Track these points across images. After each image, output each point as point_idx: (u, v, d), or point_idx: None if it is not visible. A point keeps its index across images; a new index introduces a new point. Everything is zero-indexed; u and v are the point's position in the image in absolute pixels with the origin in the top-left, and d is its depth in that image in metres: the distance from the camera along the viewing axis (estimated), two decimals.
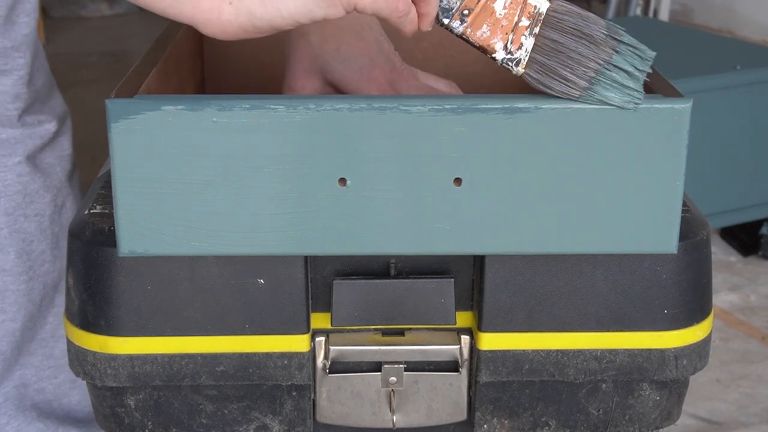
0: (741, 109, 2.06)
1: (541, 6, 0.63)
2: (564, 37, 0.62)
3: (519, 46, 0.62)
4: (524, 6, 0.62)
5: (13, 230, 0.97)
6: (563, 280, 0.71)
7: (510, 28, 0.62)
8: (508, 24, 0.62)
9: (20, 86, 0.95)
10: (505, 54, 0.63)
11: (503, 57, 0.63)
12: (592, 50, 0.62)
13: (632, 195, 0.64)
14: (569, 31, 0.62)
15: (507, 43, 0.62)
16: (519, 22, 0.62)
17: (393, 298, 0.71)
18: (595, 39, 0.62)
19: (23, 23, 0.94)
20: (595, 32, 0.62)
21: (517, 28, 0.62)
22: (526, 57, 0.62)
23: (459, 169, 0.63)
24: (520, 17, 0.62)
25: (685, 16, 4.06)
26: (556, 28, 0.62)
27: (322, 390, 0.74)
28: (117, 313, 0.70)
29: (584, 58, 0.62)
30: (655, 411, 0.76)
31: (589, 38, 0.62)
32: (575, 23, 0.62)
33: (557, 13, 0.62)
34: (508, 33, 0.62)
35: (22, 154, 0.97)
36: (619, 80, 0.62)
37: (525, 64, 0.63)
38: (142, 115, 0.62)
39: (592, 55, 0.62)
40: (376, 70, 0.70)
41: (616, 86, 0.62)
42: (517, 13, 0.62)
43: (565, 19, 0.62)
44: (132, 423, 0.75)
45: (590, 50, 0.62)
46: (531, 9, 0.62)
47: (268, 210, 0.64)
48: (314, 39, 0.71)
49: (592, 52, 0.62)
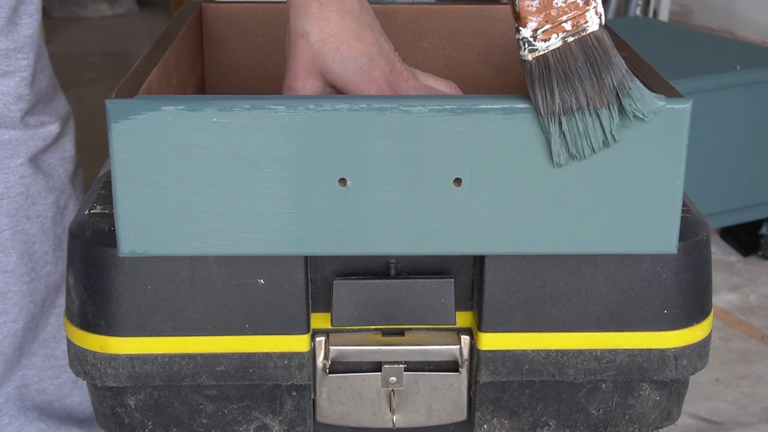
0: (741, 109, 2.06)
1: (590, 25, 0.62)
2: (584, 64, 0.62)
3: (546, 39, 0.62)
4: (579, 14, 0.62)
5: (16, 231, 0.97)
6: (563, 280, 0.71)
7: (554, 19, 0.62)
8: (555, 16, 0.62)
9: (23, 87, 0.95)
10: (529, 35, 0.62)
11: (525, 36, 0.62)
12: (593, 91, 0.62)
13: (632, 195, 0.64)
14: (592, 61, 0.62)
15: (539, 29, 0.62)
16: (564, 22, 0.62)
17: (393, 298, 0.71)
18: (603, 83, 0.62)
19: (26, 24, 0.94)
20: (609, 78, 0.62)
21: (558, 25, 0.62)
22: (543, 52, 0.62)
23: (459, 169, 0.63)
24: (568, 19, 0.62)
25: (685, 17, 4.06)
26: (584, 51, 0.62)
27: (322, 390, 0.75)
28: (117, 313, 0.70)
29: (582, 92, 0.62)
30: (655, 411, 0.76)
31: (600, 80, 0.62)
32: (601, 60, 0.62)
33: (596, 41, 0.62)
34: (547, 22, 0.62)
35: (24, 156, 0.97)
36: (584, 131, 0.62)
37: (536, 56, 0.62)
38: (142, 115, 0.62)
39: (590, 95, 0.62)
40: (375, 71, 0.70)
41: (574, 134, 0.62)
42: (569, 13, 0.62)
43: (599, 51, 0.62)
44: (132, 423, 0.75)
45: (593, 90, 0.62)
46: (581, 21, 0.62)
47: (268, 210, 0.64)
48: (314, 39, 0.71)
49: (593, 93, 0.62)
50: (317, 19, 0.70)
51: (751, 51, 2.25)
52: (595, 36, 0.63)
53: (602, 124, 0.62)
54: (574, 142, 0.63)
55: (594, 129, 0.62)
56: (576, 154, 0.63)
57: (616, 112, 0.62)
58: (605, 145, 0.63)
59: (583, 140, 0.63)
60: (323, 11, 0.70)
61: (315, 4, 0.70)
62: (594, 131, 0.62)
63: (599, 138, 0.63)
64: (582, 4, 0.62)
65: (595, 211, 0.64)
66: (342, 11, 0.70)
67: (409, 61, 0.78)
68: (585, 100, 0.62)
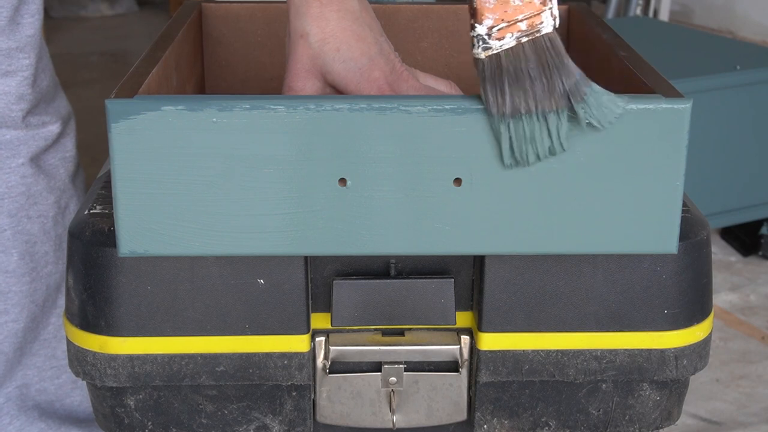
0: (741, 109, 2.06)
1: (545, 26, 0.62)
2: (536, 66, 0.61)
3: (500, 37, 0.61)
4: (535, 14, 0.62)
5: (17, 231, 0.97)
6: (563, 280, 0.71)
7: (510, 18, 0.61)
8: (511, 14, 0.61)
9: (24, 87, 0.95)
10: (484, 32, 0.61)
11: (480, 33, 0.61)
12: (544, 94, 0.61)
13: (632, 195, 0.64)
14: (544, 64, 0.61)
15: (495, 27, 0.61)
16: (519, 21, 0.62)
17: (393, 298, 0.71)
18: (554, 87, 0.61)
19: (28, 24, 0.94)
20: (560, 82, 0.61)
21: (514, 24, 0.61)
22: (496, 51, 0.61)
23: (459, 169, 0.63)
24: (524, 18, 0.62)
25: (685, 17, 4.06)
26: (537, 53, 0.61)
27: (322, 390, 0.74)
28: (117, 313, 0.70)
29: (532, 94, 0.61)
30: (655, 411, 0.76)
31: (551, 83, 0.61)
32: (553, 63, 0.61)
33: (549, 43, 0.62)
34: (504, 20, 0.61)
35: (25, 156, 0.97)
36: (531, 136, 0.61)
37: (489, 55, 0.61)
38: (142, 115, 0.62)
39: (539, 98, 0.61)
40: (376, 71, 0.70)
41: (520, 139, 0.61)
42: (525, 13, 0.61)
43: (550, 52, 0.61)
44: (132, 423, 0.75)
45: (543, 93, 0.61)
46: (537, 21, 0.62)
47: (268, 210, 0.64)
48: (314, 39, 0.71)
49: (543, 96, 0.61)
50: (317, 19, 0.70)
51: (751, 51, 2.25)
52: (548, 38, 0.62)
53: (549, 129, 0.61)
54: (519, 146, 0.62)
55: (541, 135, 0.61)
56: (520, 160, 0.62)
57: (565, 118, 0.61)
58: (551, 152, 0.62)
59: (529, 146, 0.62)
60: (323, 11, 0.70)
61: (315, 4, 0.70)
62: (541, 137, 0.61)
63: (545, 144, 0.62)
64: (538, 5, 0.61)
65: (595, 211, 0.64)
66: (342, 11, 0.70)
67: (409, 61, 0.78)
68: (534, 103, 0.61)
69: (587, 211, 0.64)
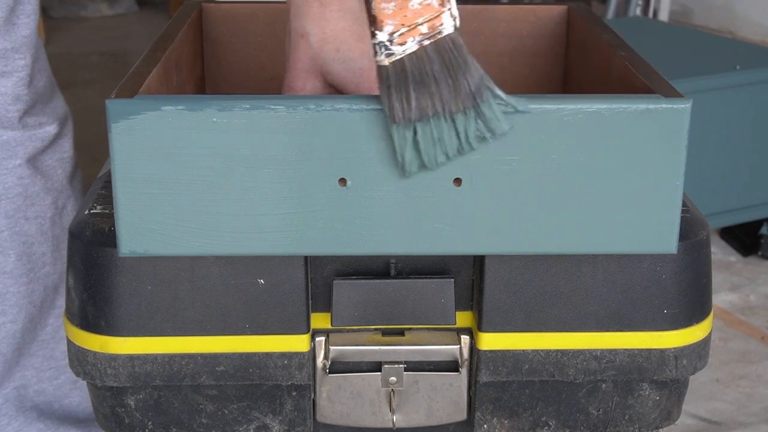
0: (741, 109, 2.06)
1: (446, 27, 0.61)
2: (440, 67, 0.60)
3: (402, 42, 0.61)
4: (435, 16, 0.60)
5: (14, 232, 0.97)
6: (563, 280, 0.71)
7: (409, 22, 0.60)
8: (411, 18, 0.60)
9: (21, 88, 0.95)
10: (385, 39, 0.61)
11: (382, 41, 0.61)
12: (450, 95, 0.61)
13: (632, 195, 0.64)
14: (448, 65, 0.61)
15: (395, 33, 0.60)
16: (420, 24, 0.60)
17: (393, 298, 0.71)
18: (459, 87, 0.61)
19: (23, 24, 0.94)
20: (465, 83, 0.61)
21: (415, 28, 0.60)
22: (399, 56, 0.61)
23: (459, 169, 0.63)
24: (424, 21, 0.60)
25: (685, 17, 4.06)
26: (440, 55, 0.61)
27: (322, 390, 0.75)
28: (117, 313, 0.70)
29: (438, 96, 0.60)
30: (654, 411, 0.76)
31: (456, 84, 0.61)
32: (457, 63, 0.61)
33: (452, 44, 0.61)
34: (404, 25, 0.60)
35: (22, 157, 0.97)
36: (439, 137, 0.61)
37: (393, 61, 0.61)
38: (142, 115, 0.62)
39: (446, 100, 0.61)
40: (375, 71, 0.70)
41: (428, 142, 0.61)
42: (424, 16, 0.60)
43: (454, 53, 0.61)
44: (132, 423, 0.75)
45: (449, 94, 0.61)
46: (437, 23, 0.61)
47: (268, 210, 0.64)
48: (314, 39, 0.71)
49: (449, 97, 0.61)
50: (317, 19, 0.70)
51: (751, 51, 2.25)
52: (450, 39, 0.61)
53: (457, 129, 0.61)
54: (426, 150, 0.61)
55: (449, 135, 0.61)
56: (428, 163, 0.62)
57: (473, 117, 0.61)
58: (460, 152, 0.62)
59: (437, 147, 0.61)
60: (323, 11, 0.70)
61: (315, 4, 0.70)
62: (449, 137, 0.61)
63: (454, 144, 0.61)
64: (437, 6, 0.60)
65: (595, 211, 0.64)
66: (342, 11, 0.70)
67: None
68: (441, 105, 0.61)
69: (587, 211, 0.64)
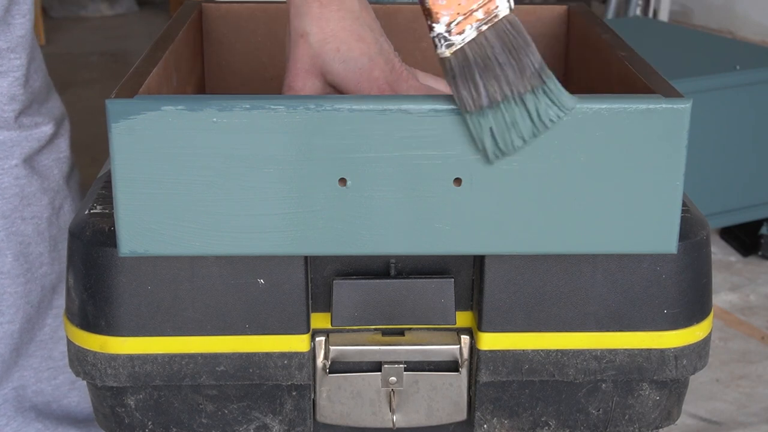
0: (741, 109, 2.06)
1: (501, 10, 0.61)
2: (502, 51, 0.60)
3: (461, 31, 0.61)
4: (489, 0, 0.60)
5: (11, 233, 0.97)
6: (563, 280, 0.71)
7: (465, 10, 0.60)
8: (465, 6, 0.60)
9: (16, 88, 0.95)
10: (443, 30, 0.61)
11: (440, 32, 0.61)
12: (516, 77, 0.60)
13: (632, 195, 0.64)
14: (509, 47, 0.61)
15: (452, 22, 0.61)
16: (475, 11, 0.60)
17: (393, 298, 0.71)
18: (524, 68, 0.61)
19: (19, 24, 0.94)
20: (528, 62, 0.61)
21: (470, 15, 0.60)
22: (460, 45, 0.61)
23: (459, 169, 0.63)
24: (478, 7, 0.60)
25: (685, 17, 4.06)
26: (500, 38, 0.61)
27: (322, 390, 0.75)
28: (117, 313, 0.70)
29: (505, 80, 0.60)
30: (654, 411, 0.76)
31: (520, 65, 0.61)
32: (518, 44, 0.61)
33: (510, 26, 0.61)
34: (459, 14, 0.60)
35: (18, 157, 0.97)
36: (512, 121, 0.61)
37: (454, 51, 0.61)
38: (142, 115, 0.62)
39: (513, 82, 0.60)
40: (376, 71, 0.70)
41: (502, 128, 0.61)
42: (479, 2, 0.60)
43: (513, 34, 0.61)
44: (132, 423, 0.75)
45: (515, 76, 0.60)
46: (492, 6, 0.61)
47: (268, 210, 0.64)
48: (314, 39, 0.71)
49: (516, 78, 0.60)
50: (317, 19, 0.70)
51: (751, 51, 2.25)
52: (507, 20, 0.61)
53: (529, 111, 0.61)
54: (502, 136, 0.61)
55: (522, 118, 0.61)
56: (505, 149, 0.61)
57: (542, 95, 0.61)
58: (535, 134, 0.61)
59: (512, 132, 0.61)
60: (323, 11, 0.70)
61: (315, 4, 0.70)
62: (522, 120, 0.61)
63: (528, 127, 0.61)
64: None
65: (595, 211, 0.64)
66: (342, 11, 0.70)
67: (409, 61, 0.78)
68: (509, 88, 0.60)
69: (587, 211, 0.64)
